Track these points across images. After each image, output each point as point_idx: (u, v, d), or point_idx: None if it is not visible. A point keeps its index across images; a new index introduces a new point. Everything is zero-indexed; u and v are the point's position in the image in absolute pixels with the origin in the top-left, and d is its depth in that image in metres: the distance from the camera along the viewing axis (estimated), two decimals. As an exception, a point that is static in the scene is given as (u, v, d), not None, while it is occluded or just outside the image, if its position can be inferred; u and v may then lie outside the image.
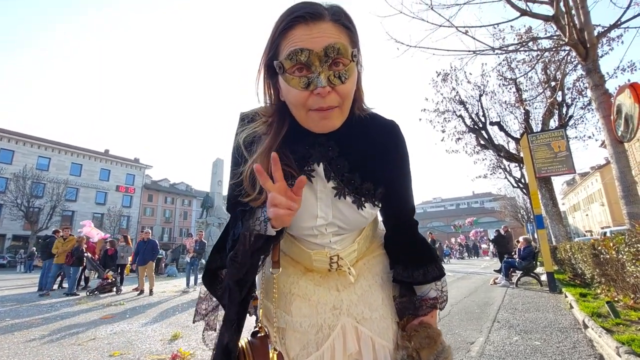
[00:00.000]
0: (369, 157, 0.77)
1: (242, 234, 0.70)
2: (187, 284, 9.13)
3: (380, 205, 0.82)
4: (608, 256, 4.74)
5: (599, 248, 5.11)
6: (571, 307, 5.01)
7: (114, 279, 8.76)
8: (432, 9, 6.53)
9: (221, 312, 0.84)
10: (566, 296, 5.94)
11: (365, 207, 0.77)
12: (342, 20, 0.66)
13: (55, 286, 9.71)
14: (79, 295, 8.09)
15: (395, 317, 0.86)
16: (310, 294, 0.84)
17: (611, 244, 4.55)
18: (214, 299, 0.86)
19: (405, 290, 0.87)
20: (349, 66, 0.64)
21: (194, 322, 0.87)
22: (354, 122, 0.75)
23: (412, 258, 0.85)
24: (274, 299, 0.81)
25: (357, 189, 0.76)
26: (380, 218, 0.93)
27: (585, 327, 3.85)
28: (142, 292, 8.45)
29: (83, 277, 9.66)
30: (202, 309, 0.88)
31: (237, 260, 0.70)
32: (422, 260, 0.85)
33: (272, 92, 0.74)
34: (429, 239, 15.35)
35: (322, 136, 0.74)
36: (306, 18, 0.63)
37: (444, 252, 26.86)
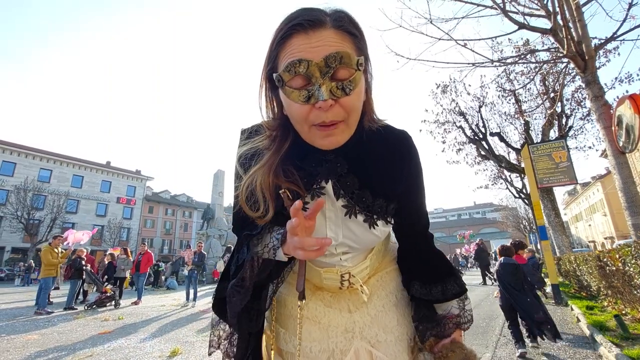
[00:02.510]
0: (380, 172, 0.72)
1: (248, 261, 0.66)
2: (187, 297, 8.98)
3: (392, 222, 0.77)
4: (614, 268, 4.67)
5: (605, 260, 5.04)
6: (578, 320, 4.92)
7: (112, 293, 8.64)
8: (431, 22, 6.62)
9: (232, 342, 0.80)
10: (572, 309, 5.83)
11: (377, 225, 0.73)
12: (345, 26, 0.60)
13: (55, 299, 9.58)
14: (77, 309, 7.96)
15: (411, 339, 0.81)
16: (320, 316, 0.79)
17: (617, 256, 4.49)
18: (227, 326, 0.80)
19: (425, 308, 0.80)
20: (354, 76, 0.58)
21: (209, 354, 0.80)
22: (364, 135, 0.70)
23: (429, 273, 0.80)
24: (288, 323, 0.77)
25: (368, 207, 0.71)
26: (392, 231, 0.88)
27: (594, 341, 3.76)
28: None
29: (81, 290, 9.52)
30: (214, 339, 0.81)
31: (242, 287, 0.66)
32: (440, 276, 0.80)
33: (274, 105, 0.69)
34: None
35: (330, 152, 0.68)
36: (305, 26, 0.57)
37: (460, 263, 26.33)
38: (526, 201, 17.28)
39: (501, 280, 3.89)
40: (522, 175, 14.50)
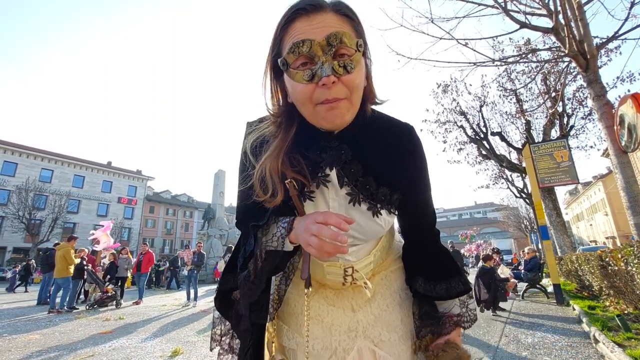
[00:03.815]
0: (384, 160, 0.73)
1: (257, 252, 0.67)
2: (188, 297, 8.98)
3: (396, 213, 0.78)
4: (616, 268, 4.66)
5: (607, 259, 5.03)
6: (580, 320, 4.90)
7: (114, 292, 8.65)
8: (432, 22, 6.60)
9: (234, 335, 0.82)
10: (574, 309, 5.82)
11: (381, 214, 0.73)
12: (343, 10, 0.64)
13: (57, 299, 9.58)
14: (78, 309, 7.97)
15: (414, 338, 0.80)
16: (323, 315, 0.79)
17: (619, 256, 4.47)
18: (227, 322, 0.82)
19: (427, 305, 0.80)
20: (354, 56, 0.61)
21: (211, 350, 0.82)
22: (368, 122, 0.72)
23: (433, 270, 0.80)
24: (291, 320, 0.79)
25: (372, 195, 0.72)
26: (397, 227, 0.89)
27: (596, 341, 3.75)
28: None
29: (83, 290, 9.53)
30: (216, 334, 0.83)
31: (251, 280, 0.67)
32: (445, 273, 0.79)
33: (279, 94, 0.71)
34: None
35: (334, 139, 0.70)
36: (307, 9, 0.61)
37: (464, 262, 26.22)
38: (527, 201, 17.26)
39: (479, 276, 6.22)
40: (523, 175, 14.48)
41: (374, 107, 0.75)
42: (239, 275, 0.71)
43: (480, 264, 6.52)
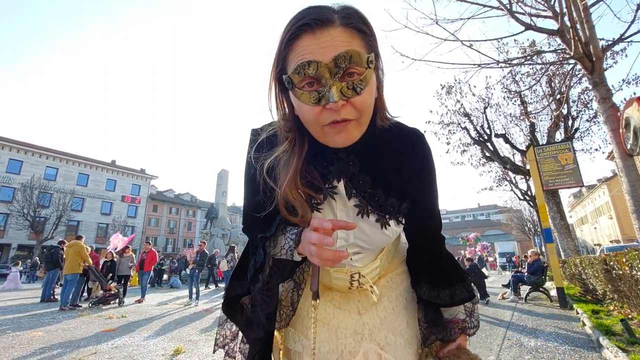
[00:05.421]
0: (392, 170, 0.71)
1: (266, 264, 0.68)
2: (190, 296, 9.02)
3: (403, 222, 0.77)
4: (621, 272, 4.62)
5: (611, 263, 4.99)
6: (584, 324, 4.86)
7: (116, 291, 8.70)
8: (436, 23, 6.58)
9: (243, 340, 0.83)
10: (578, 313, 5.78)
11: (389, 225, 0.72)
12: (354, 23, 0.58)
13: (59, 296, 9.64)
14: (81, 306, 8.02)
15: (419, 341, 0.80)
16: (329, 317, 0.79)
17: (624, 260, 4.44)
18: (234, 326, 0.83)
19: (432, 311, 0.79)
20: (364, 75, 0.57)
21: (213, 352, 0.84)
22: (376, 133, 0.69)
23: (437, 277, 0.79)
24: (297, 322, 0.80)
25: (381, 206, 0.70)
26: (402, 231, 0.87)
27: (600, 346, 3.72)
28: None
29: (86, 288, 9.59)
30: (219, 339, 0.84)
31: (269, 290, 0.69)
32: (449, 280, 0.78)
33: (285, 106, 0.68)
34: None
35: (342, 151, 0.68)
36: (312, 26, 0.56)
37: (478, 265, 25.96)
38: (531, 203, 17.15)
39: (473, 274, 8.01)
40: (527, 177, 14.38)
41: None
42: (252, 286, 0.72)
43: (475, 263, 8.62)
